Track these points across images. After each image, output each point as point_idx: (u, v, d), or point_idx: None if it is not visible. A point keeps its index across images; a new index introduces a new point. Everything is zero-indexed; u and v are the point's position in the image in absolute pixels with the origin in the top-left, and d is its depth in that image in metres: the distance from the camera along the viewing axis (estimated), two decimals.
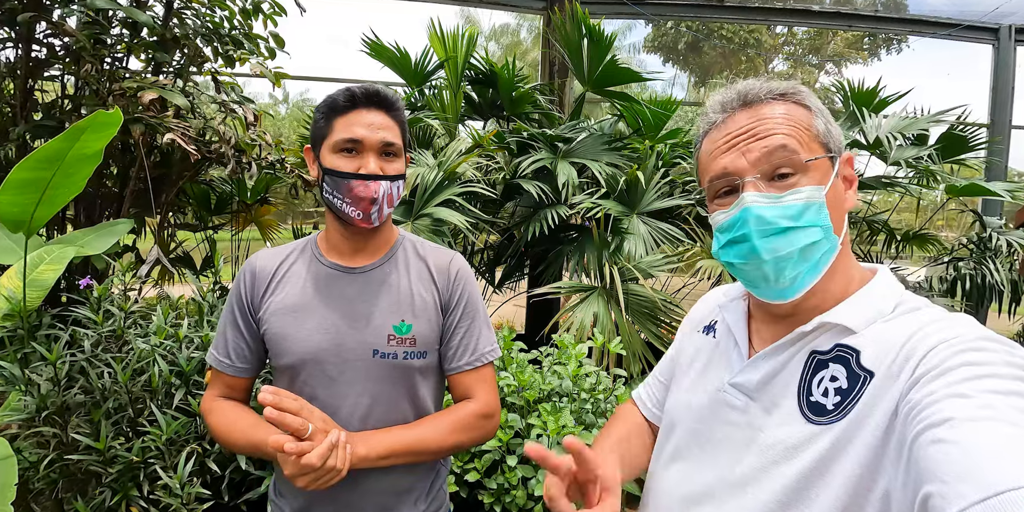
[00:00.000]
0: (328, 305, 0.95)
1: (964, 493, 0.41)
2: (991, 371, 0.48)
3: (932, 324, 0.56)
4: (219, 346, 1.00)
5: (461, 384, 0.98)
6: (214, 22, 2.61)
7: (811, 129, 0.62)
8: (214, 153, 2.61)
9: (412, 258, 1.01)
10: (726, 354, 0.71)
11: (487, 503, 1.64)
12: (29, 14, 1.86)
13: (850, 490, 0.53)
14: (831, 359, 0.59)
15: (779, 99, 0.63)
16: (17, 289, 1.35)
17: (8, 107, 2.28)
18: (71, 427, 1.27)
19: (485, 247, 3.84)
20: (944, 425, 0.45)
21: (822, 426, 0.56)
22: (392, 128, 0.93)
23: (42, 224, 1.37)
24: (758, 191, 0.61)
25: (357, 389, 0.92)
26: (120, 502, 1.26)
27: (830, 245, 0.61)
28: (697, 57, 9.71)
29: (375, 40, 3.45)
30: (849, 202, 0.64)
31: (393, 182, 0.93)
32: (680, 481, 0.70)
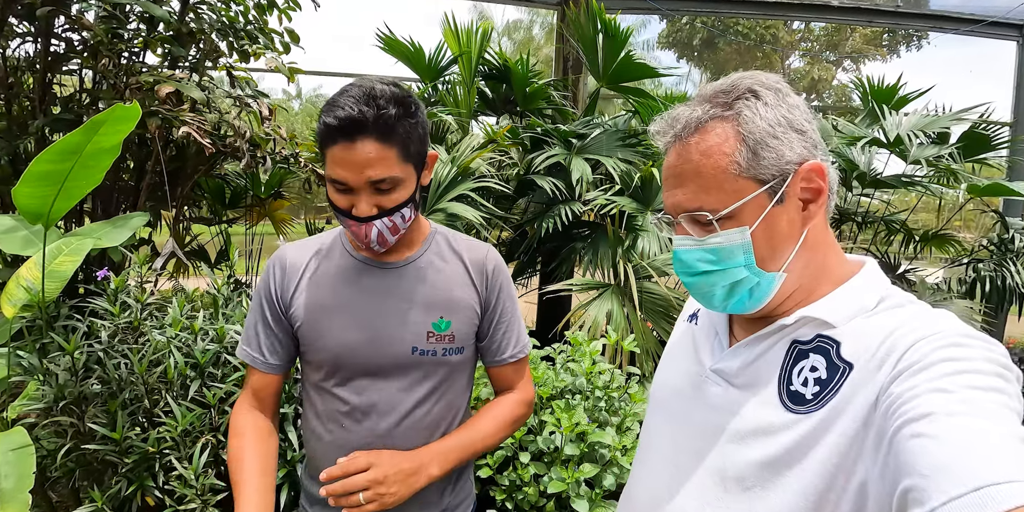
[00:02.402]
0: (363, 300, 0.93)
1: (943, 488, 0.41)
2: (971, 367, 0.49)
3: (914, 320, 0.56)
4: (251, 342, 0.98)
5: (503, 375, 1.03)
6: (229, 17, 2.62)
7: (733, 168, 0.58)
8: (229, 147, 2.62)
9: (447, 252, 0.99)
10: (708, 341, 0.72)
11: (499, 499, 1.63)
12: (48, 8, 1.87)
13: (826, 478, 0.54)
14: (812, 349, 0.60)
15: (707, 129, 0.60)
16: (36, 280, 1.37)
17: (27, 101, 2.31)
18: (88, 417, 1.28)
19: (498, 243, 3.83)
20: (924, 419, 0.45)
21: (800, 415, 0.57)
22: (385, 159, 0.82)
23: (60, 216, 1.38)
24: (684, 234, 0.63)
25: (394, 384, 0.92)
26: (136, 492, 1.27)
27: (762, 280, 0.60)
28: (712, 54, 9.62)
29: (389, 35, 3.44)
30: (808, 218, 0.61)
31: (394, 214, 0.86)
32: (661, 465, 0.71)
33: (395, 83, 0.87)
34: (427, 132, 0.89)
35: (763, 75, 0.63)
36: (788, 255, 0.61)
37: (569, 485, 1.55)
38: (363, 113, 0.79)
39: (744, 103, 0.59)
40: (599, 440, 1.62)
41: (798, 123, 0.60)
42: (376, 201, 0.84)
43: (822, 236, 0.63)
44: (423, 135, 0.87)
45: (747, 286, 0.61)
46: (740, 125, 0.59)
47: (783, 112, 0.59)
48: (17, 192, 1.22)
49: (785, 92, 0.62)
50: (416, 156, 0.86)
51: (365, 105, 0.79)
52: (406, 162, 0.84)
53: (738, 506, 0.60)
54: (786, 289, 0.62)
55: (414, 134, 0.84)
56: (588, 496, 1.61)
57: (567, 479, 1.53)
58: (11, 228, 1.58)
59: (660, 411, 0.76)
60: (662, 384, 0.78)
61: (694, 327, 0.77)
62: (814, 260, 0.62)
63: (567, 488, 1.54)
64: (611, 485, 1.66)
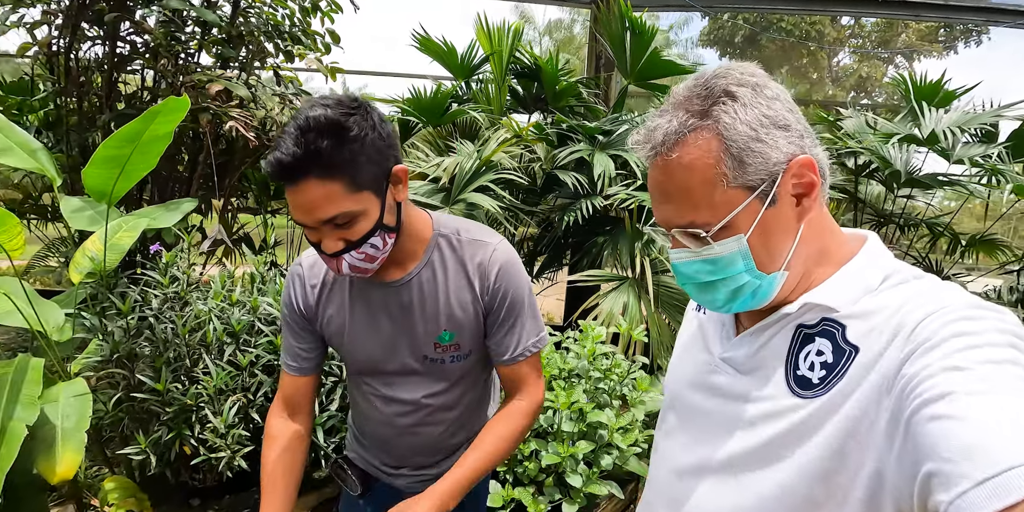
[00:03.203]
0: (375, 316, 0.97)
1: (969, 472, 0.39)
2: (984, 340, 0.47)
3: (919, 296, 0.55)
4: (284, 349, 1.05)
5: (509, 375, 1.01)
6: (275, 20, 2.82)
7: (719, 180, 0.56)
8: (272, 141, 2.83)
9: (449, 259, 0.96)
10: (716, 330, 0.72)
11: (501, 471, 1.74)
12: (114, 14, 2.10)
13: (830, 460, 0.53)
14: (817, 333, 0.59)
15: (687, 141, 0.57)
16: (99, 251, 1.57)
17: (96, 98, 2.57)
18: (137, 371, 1.47)
19: (524, 238, 3.93)
20: (943, 400, 0.44)
21: (807, 400, 0.57)
22: (331, 196, 0.77)
23: (121, 195, 1.57)
24: (679, 247, 0.62)
25: (413, 385, 1.01)
26: (174, 440, 1.45)
27: (764, 282, 0.60)
28: (756, 51, 9.37)
29: (424, 35, 3.59)
30: (804, 212, 0.60)
31: (362, 245, 0.82)
32: (675, 452, 0.72)
33: (339, 100, 0.81)
34: (388, 144, 0.83)
35: (737, 70, 0.60)
36: (787, 253, 0.60)
37: (565, 460, 1.64)
38: (295, 154, 0.75)
39: (721, 108, 0.56)
40: (597, 419, 1.70)
41: (780, 118, 0.58)
42: (340, 235, 0.81)
43: (819, 222, 0.62)
44: (376, 154, 0.81)
45: (750, 289, 0.60)
46: (721, 133, 0.56)
47: (763, 110, 0.57)
48: (86, 173, 1.42)
49: (762, 85, 0.59)
50: (371, 181, 0.81)
51: (296, 145, 0.75)
52: (358, 191, 0.79)
53: (747, 487, 0.60)
54: (789, 283, 0.61)
55: (360, 159, 0.78)
56: (586, 474, 1.69)
57: (562, 454, 1.62)
58: (80, 208, 1.79)
59: (674, 401, 0.76)
60: (675, 374, 0.78)
61: (702, 317, 0.76)
62: (814, 248, 0.62)
63: (563, 462, 1.63)
64: (608, 465, 1.74)
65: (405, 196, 0.88)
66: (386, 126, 0.84)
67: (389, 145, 0.83)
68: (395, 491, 1.10)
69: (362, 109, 0.81)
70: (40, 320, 1.54)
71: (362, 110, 0.81)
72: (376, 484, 1.13)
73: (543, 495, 1.68)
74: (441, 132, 3.76)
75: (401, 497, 1.06)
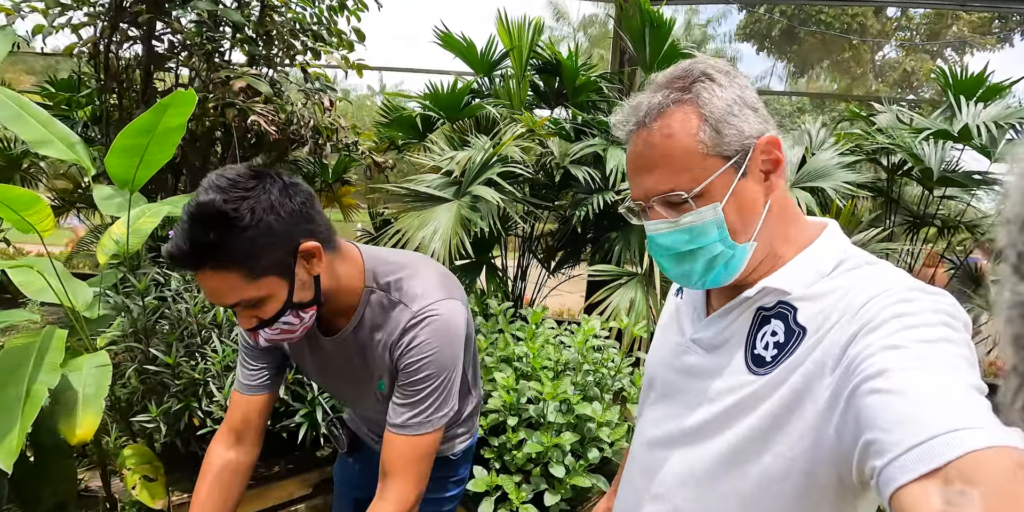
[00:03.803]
0: (324, 364, 1.03)
1: (901, 439, 0.43)
2: (919, 321, 0.51)
3: (864, 281, 0.59)
4: (237, 371, 1.07)
5: (386, 447, 0.93)
6: (300, 19, 2.93)
7: (699, 147, 0.61)
8: (296, 135, 2.95)
9: (379, 318, 0.94)
10: (689, 312, 0.77)
11: (489, 458, 1.79)
12: (149, 15, 2.24)
13: (772, 425, 0.59)
14: (773, 315, 0.64)
15: (668, 114, 0.62)
16: (123, 236, 1.69)
17: (134, 94, 2.74)
18: (152, 345, 1.59)
19: (543, 234, 3.96)
20: (880, 376, 0.48)
21: (759, 376, 0.62)
22: (230, 286, 0.77)
23: (143, 183, 1.69)
24: (658, 218, 0.65)
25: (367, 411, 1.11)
26: (183, 410, 1.57)
27: (735, 252, 0.64)
28: (796, 45, 9.05)
29: (445, 32, 3.66)
30: (772, 189, 0.64)
31: (275, 323, 0.83)
32: (649, 426, 0.77)
33: (234, 180, 0.77)
34: (293, 223, 0.80)
35: (712, 60, 0.66)
36: (756, 225, 0.64)
37: (549, 450, 1.67)
38: (182, 250, 0.74)
39: (701, 85, 0.62)
40: (584, 412, 1.73)
41: (750, 101, 0.63)
42: (251, 313, 0.82)
43: (784, 203, 0.66)
44: (275, 238, 0.78)
45: (723, 260, 0.64)
46: (701, 106, 0.61)
47: (736, 92, 0.63)
48: (108, 162, 1.54)
49: (734, 74, 0.65)
50: (273, 265, 0.79)
51: (184, 239, 0.74)
52: (258, 278, 0.78)
53: (705, 453, 0.66)
54: (756, 257, 0.65)
55: (255, 248, 0.76)
56: (572, 466, 1.72)
57: (546, 444, 1.66)
58: (110, 195, 1.94)
59: (652, 380, 0.81)
60: (654, 355, 0.83)
61: (679, 301, 0.82)
62: (779, 227, 0.66)
63: (546, 451, 1.67)
64: (595, 458, 1.76)
65: (322, 268, 0.85)
66: (292, 201, 0.79)
67: (294, 223, 0.80)
68: (377, 455, 1.18)
69: (259, 188, 0.77)
70: (70, 297, 1.68)
71: (259, 189, 0.77)
72: (363, 445, 1.23)
73: (528, 484, 1.73)
74: (461, 127, 3.83)
75: None
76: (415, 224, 2.48)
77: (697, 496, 0.67)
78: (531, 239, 3.75)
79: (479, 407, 1.23)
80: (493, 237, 3.07)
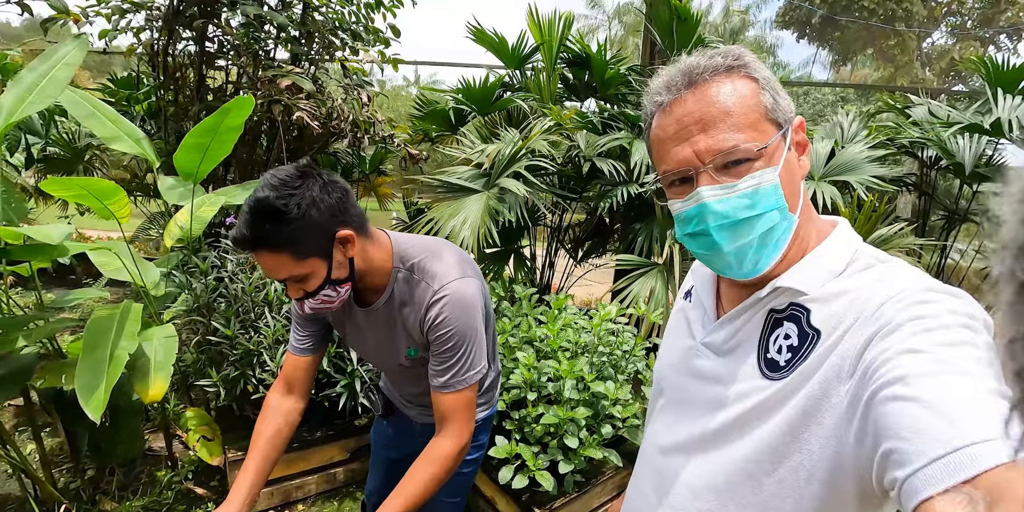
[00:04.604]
0: (361, 332, 1.18)
1: (924, 450, 0.41)
2: (938, 323, 0.49)
3: (878, 282, 0.56)
4: (291, 334, 1.24)
5: (438, 405, 1.08)
6: (339, 19, 3.10)
7: (760, 108, 0.59)
8: (336, 128, 3.14)
9: (405, 295, 1.09)
10: (699, 316, 0.74)
11: (510, 429, 1.94)
12: (202, 20, 2.44)
13: (788, 434, 0.56)
14: (786, 317, 0.61)
15: (724, 75, 0.59)
16: (187, 222, 1.90)
17: (188, 91, 2.96)
18: (213, 319, 1.79)
19: (569, 225, 4.07)
20: (900, 382, 0.45)
21: (773, 381, 0.59)
22: (281, 264, 0.93)
23: (205, 175, 1.89)
24: (712, 183, 0.60)
25: (404, 375, 1.25)
26: (239, 377, 1.76)
27: (788, 223, 0.61)
28: (837, 32, 8.75)
29: (477, 27, 3.78)
30: (803, 169, 0.63)
31: (317, 295, 0.99)
32: (660, 431, 0.76)
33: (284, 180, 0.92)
34: (331, 214, 0.95)
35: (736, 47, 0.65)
36: (799, 201, 0.62)
37: (564, 422, 1.81)
38: (244, 236, 0.90)
39: (747, 59, 0.61)
40: (598, 390, 1.86)
41: (779, 85, 0.63)
42: (298, 287, 0.98)
43: (805, 198, 0.64)
44: (317, 228, 0.93)
45: (778, 233, 0.61)
46: (753, 77, 0.60)
47: (770, 74, 0.62)
48: (176, 157, 1.74)
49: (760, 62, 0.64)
50: (315, 249, 0.95)
51: (245, 227, 0.90)
52: (303, 259, 0.94)
53: (717, 461, 0.64)
54: (793, 239, 0.62)
55: (301, 234, 0.91)
56: (586, 439, 1.85)
57: (562, 416, 1.80)
58: (173, 186, 2.15)
59: (662, 384, 0.79)
60: (663, 360, 0.81)
61: (686, 304, 0.79)
62: (804, 213, 0.63)
63: (562, 424, 1.81)
64: (608, 434, 1.89)
65: (355, 252, 1.01)
66: (330, 197, 0.95)
67: (332, 215, 0.95)
68: (408, 419, 1.37)
69: (304, 186, 0.92)
70: (142, 277, 1.90)
71: (304, 187, 0.92)
72: (397, 410, 1.40)
73: (545, 454, 1.87)
74: (492, 120, 3.95)
75: (413, 424, 1.32)
76: (447, 213, 2.63)
77: (712, 508, 0.64)
78: (559, 229, 3.87)
79: (497, 381, 1.38)
80: (521, 227, 3.20)
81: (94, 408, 1.48)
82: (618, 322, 2.16)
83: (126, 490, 2.18)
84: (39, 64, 1.84)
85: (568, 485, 1.88)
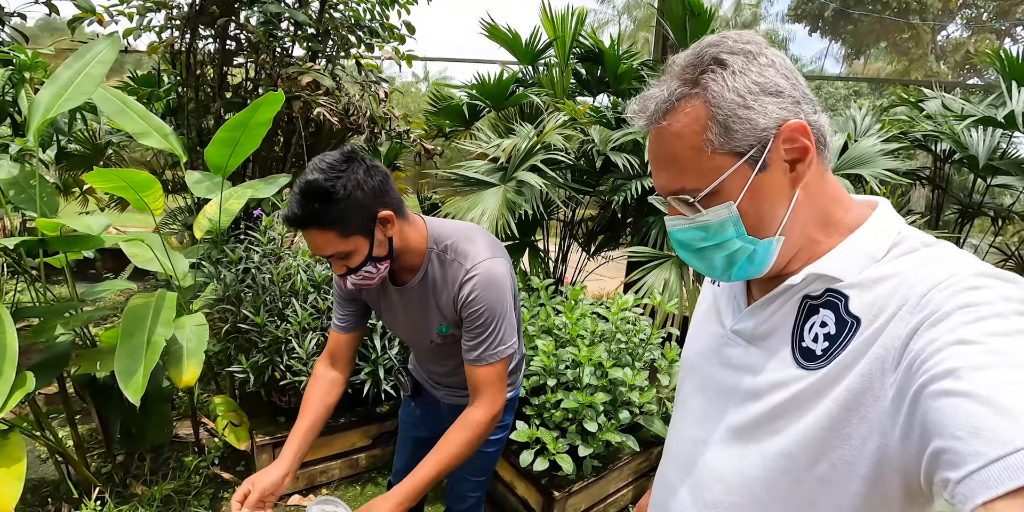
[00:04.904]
0: (395, 309, 1.24)
1: (980, 450, 0.38)
2: (992, 311, 0.45)
3: (924, 266, 0.53)
4: (333, 311, 1.33)
5: (472, 376, 1.15)
6: (356, 16, 3.15)
7: (707, 146, 0.57)
8: (354, 124, 3.19)
9: (438, 274, 1.15)
10: (728, 303, 0.73)
11: (530, 414, 1.99)
12: (224, 18, 2.50)
13: (829, 430, 0.54)
14: (822, 304, 0.59)
15: (675, 108, 0.58)
16: (215, 214, 1.96)
17: (209, 88, 3.03)
18: (242, 307, 1.85)
19: (584, 219, 4.11)
20: (951, 376, 0.43)
21: (810, 371, 0.57)
22: (328, 241, 1.00)
23: (233, 169, 1.95)
24: (675, 214, 0.63)
25: (436, 352, 1.30)
26: (268, 364, 1.82)
27: (757, 248, 0.60)
28: (851, 26, 8.67)
29: (491, 23, 3.81)
30: (799, 180, 0.59)
31: (359, 271, 1.05)
32: (688, 420, 0.74)
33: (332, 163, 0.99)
34: (374, 195, 1.01)
35: (731, 38, 0.59)
36: (780, 219, 0.59)
37: (583, 408, 1.86)
38: (296, 214, 0.98)
39: (710, 76, 0.57)
40: (616, 376, 1.90)
41: (771, 85, 0.57)
42: (342, 263, 1.06)
43: (819, 189, 0.61)
44: (361, 208, 1.00)
45: (744, 255, 0.60)
46: (708, 101, 0.56)
47: (753, 77, 0.56)
48: (207, 152, 1.79)
49: (755, 53, 0.58)
50: (359, 227, 1.02)
51: (297, 206, 0.98)
52: (348, 237, 1.01)
53: (752, 455, 0.62)
54: (788, 249, 0.61)
55: (346, 214, 0.99)
56: (604, 424, 1.90)
57: (581, 401, 1.84)
58: (200, 180, 2.21)
59: (690, 373, 0.77)
60: (691, 347, 0.79)
61: (716, 290, 0.78)
62: (814, 215, 0.61)
63: (581, 409, 1.86)
64: (625, 419, 1.94)
65: (394, 232, 1.08)
66: (372, 179, 1.01)
67: (374, 197, 1.02)
68: (435, 400, 1.42)
69: (349, 170, 0.99)
70: (173, 267, 1.97)
71: (349, 170, 0.99)
72: (424, 391, 1.45)
73: (565, 438, 1.92)
74: (506, 115, 3.99)
75: (440, 405, 1.37)
76: (464, 206, 2.68)
77: (747, 504, 0.62)
78: (572, 223, 3.91)
79: (521, 364, 1.43)
80: (536, 220, 3.24)
81: (133, 391, 1.54)
82: (634, 311, 2.20)
83: (156, 474, 2.26)
84: (74, 62, 1.90)
85: (587, 469, 1.93)
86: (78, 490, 2.05)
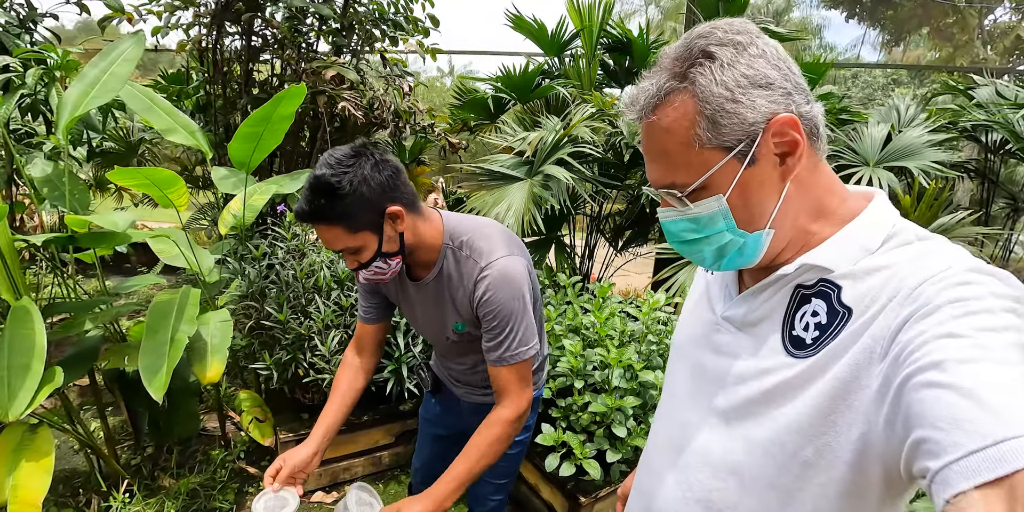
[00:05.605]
0: (413, 304, 1.23)
1: (960, 441, 0.39)
2: (980, 306, 0.46)
3: (917, 259, 0.54)
4: (359, 303, 1.33)
5: (495, 377, 1.13)
6: (380, 10, 3.11)
7: (695, 141, 0.57)
8: (378, 118, 3.17)
9: (453, 271, 1.13)
10: (720, 290, 0.73)
11: (556, 417, 1.93)
12: (250, 14, 2.49)
13: (815, 418, 0.55)
14: (814, 294, 0.60)
15: (663, 103, 0.58)
16: (240, 210, 1.95)
17: (236, 84, 3.03)
18: (266, 303, 1.84)
19: (610, 214, 4.02)
20: (936, 368, 0.44)
21: (799, 359, 0.58)
22: (336, 237, 1.00)
23: (256, 164, 1.93)
24: (666, 206, 0.64)
25: (445, 351, 1.30)
26: (291, 361, 1.81)
27: (747, 240, 0.61)
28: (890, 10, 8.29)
29: (516, 14, 3.74)
30: (789, 173, 0.59)
31: (370, 266, 1.05)
32: (677, 402, 0.75)
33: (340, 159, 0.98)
34: (381, 191, 1.00)
35: (721, 28, 0.58)
36: (771, 212, 0.59)
37: (612, 412, 1.79)
38: (304, 210, 0.98)
39: (698, 70, 0.56)
40: (647, 379, 1.83)
41: (760, 77, 0.56)
42: (353, 258, 1.05)
43: (812, 180, 0.61)
44: (368, 203, 0.99)
45: (734, 247, 0.61)
46: (696, 95, 0.56)
47: (742, 70, 0.56)
48: (231, 147, 1.78)
49: (746, 43, 0.56)
50: (367, 223, 1.00)
51: (305, 203, 0.98)
52: (356, 232, 1.00)
53: (738, 438, 0.63)
54: (779, 240, 0.61)
55: (354, 209, 0.98)
56: (634, 430, 1.83)
57: (610, 405, 1.78)
58: (226, 176, 2.21)
59: (679, 358, 0.78)
60: (682, 332, 0.80)
61: (709, 278, 0.78)
62: (806, 207, 0.61)
63: (609, 413, 1.79)
64: None
65: (404, 227, 1.05)
66: (380, 174, 0.99)
67: (382, 192, 1.00)
68: (455, 397, 1.38)
69: (356, 165, 0.98)
70: (199, 263, 1.97)
71: (356, 166, 0.98)
72: (445, 388, 1.42)
73: (592, 442, 1.86)
74: (532, 108, 3.91)
75: (460, 403, 1.34)
76: (490, 201, 2.63)
77: (731, 488, 0.64)
78: (599, 218, 3.82)
79: (544, 364, 1.38)
80: (563, 215, 3.17)
81: (156, 388, 1.54)
82: (665, 311, 2.12)
83: (183, 468, 2.28)
84: (100, 60, 1.90)
85: (614, 474, 1.86)
86: (107, 482, 2.08)
